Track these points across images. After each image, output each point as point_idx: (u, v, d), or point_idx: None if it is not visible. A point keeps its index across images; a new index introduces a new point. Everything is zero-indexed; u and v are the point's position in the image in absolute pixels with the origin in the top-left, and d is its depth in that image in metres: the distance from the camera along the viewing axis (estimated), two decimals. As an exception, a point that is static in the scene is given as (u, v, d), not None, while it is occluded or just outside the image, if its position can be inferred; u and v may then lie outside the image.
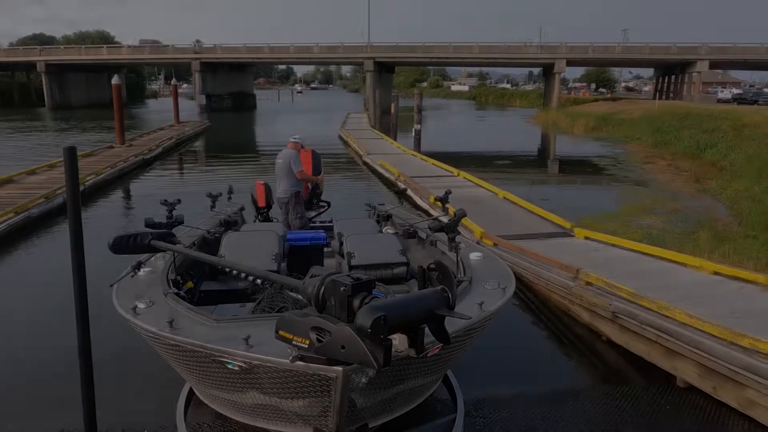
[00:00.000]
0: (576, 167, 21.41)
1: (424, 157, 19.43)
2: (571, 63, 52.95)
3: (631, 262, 7.58)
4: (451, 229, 4.67)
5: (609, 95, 71.81)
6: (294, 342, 2.21)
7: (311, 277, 2.40)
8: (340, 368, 2.40)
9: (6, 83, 63.46)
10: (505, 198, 12.40)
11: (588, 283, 6.35)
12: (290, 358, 2.37)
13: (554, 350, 6.32)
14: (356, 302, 2.11)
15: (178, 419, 3.92)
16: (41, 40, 72.48)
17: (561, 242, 8.99)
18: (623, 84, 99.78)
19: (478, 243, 9.14)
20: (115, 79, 21.81)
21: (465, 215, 5.11)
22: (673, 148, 23.20)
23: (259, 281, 4.47)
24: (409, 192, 13.53)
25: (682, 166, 19.27)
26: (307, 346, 2.16)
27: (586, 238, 9.14)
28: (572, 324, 6.61)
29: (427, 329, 2.28)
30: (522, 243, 8.66)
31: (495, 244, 8.79)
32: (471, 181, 14.77)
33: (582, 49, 50.46)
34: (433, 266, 2.72)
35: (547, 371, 5.73)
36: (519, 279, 7.91)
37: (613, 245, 8.51)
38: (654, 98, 53.40)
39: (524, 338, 6.60)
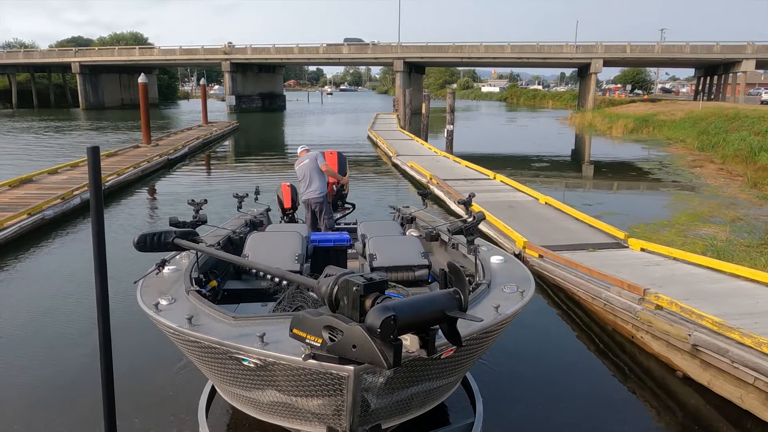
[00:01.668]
0: (618, 170, 20.21)
1: (457, 159, 18.55)
2: (608, 63, 51.25)
3: (700, 280, 6.61)
4: (469, 232, 4.64)
5: (646, 96, 69.49)
6: (307, 340, 2.21)
7: (326, 276, 2.34)
8: (351, 367, 2.40)
9: (43, 84, 64.70)
10: (546, 203, 11.46)
11: (658, 307, 5.42)
12: (303, 356, 2.41)
13: (613, 382, 5.39)
14: (368, 302, 2.11)
15: (200, 416, 3.93)
16: (79, 43, 73.73)
17: (614, 255, 8.04)
18: (659, 85, 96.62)
19: (518, 255, 8.32)
20: (141, 78, 21.45)
21: (484, 218, 5.05)
22: (722, 151, 21.76)
23: (280, 281, 4.52)
24: (443, 196, 12.68)
25: (735, 171, 17.92)
26: (319, 345, 2.17)
27: (643, 249, 8.19)
28: (637, 353, 5.69)
29: (440, 331, 2.27)
30: (570, 255, 7.75)
31: (540, 256, 7.91)
32: (508, 184, 13.84)
33: (619, 49, 48.72)
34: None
35: (605, 407, 4.85)
36: (570, 297, 7.09)
37: (675, 259, 7.54)
38: (695, 99, 51.32)
39: (574, 364, 5.71)
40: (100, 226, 3.19)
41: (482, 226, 9.82)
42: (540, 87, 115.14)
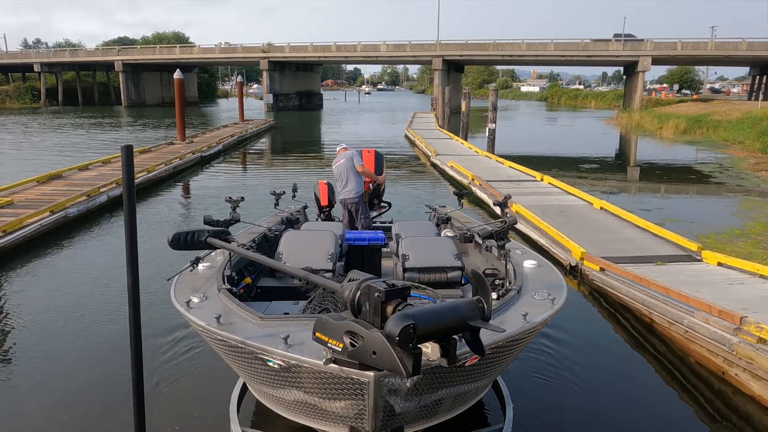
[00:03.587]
0: (674, 173, 18.82)
1: (500, 159, 17.58)
2: (656, 61, 48.93)
3: (800, 304, 5.58)
4: (500, 236, 4.58)
5: (695, 96, 66.50)
6: (329, 344, 2.20)
7: (349, 281, 2.32)
8: (371, 374, 2.38)
9: (88, 83, 66.26)
10: (602, 209, 10.44)
11: (761, 340, 4.46)
12: (324, 360, 2.44)
13: (697, 424, 4.48)
14: (389, 309, 2.10)
15: (231, 411, 3.93)
16: (124, 43, 75.22)
17: (688, 270, 7.04)
18: (708, 85, 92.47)
19: (575, 267, 7.42)
20: (177, 74, 21.16)
21: (516, 222, 4.97)
22: (788, 154, 20.17)
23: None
24: (486, 198, 11.79)
25: (807, 175, 16.43)
26: (341, 350, 2.16)
27: (720, 264, 7.15)
28: (730, 393, 4.74)
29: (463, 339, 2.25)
30: (635, 268, 6.80)
31: (601, 269, 6.97)
32: (558, 187, 12.83)
33: (669, 46, 46.46)
34: (486, 272, 2.98)
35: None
36: (638, 318, 6.15)
37: (763, 277, 6.50)
38: (749, 99, 48.65)
39: (641, 394, 4.83)
40: (132, 223, 3.17)
41: (532, 234, 8.95)
42: (581, 87, 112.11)
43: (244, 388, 4.16)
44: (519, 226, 9.52)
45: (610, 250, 7.80)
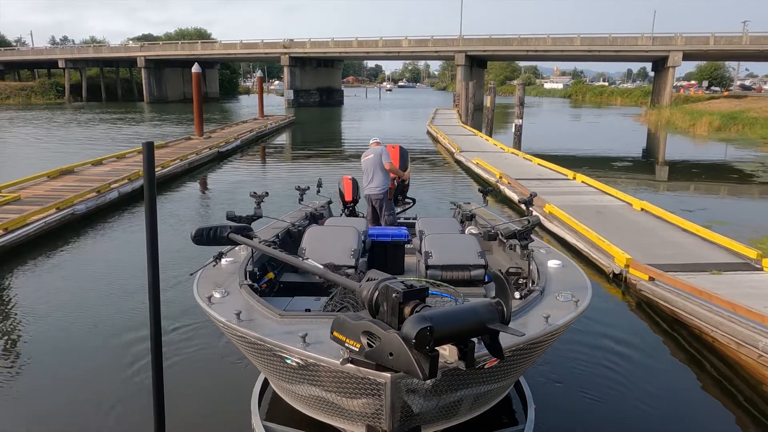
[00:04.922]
0: (713, 172, 17.79)
1: (528, 156, 16.79)
2: (687, 56, 47.29)
3: None
4: (523, 236, 4.45)
5: (726, 93, 64.45)
6: (346, 344, 2.20)
7: (368, 280, 2.29)
8: (388, 374, 2.37)
9: (111, 79, 66.71)
10: (643, 210, 9.66)
11: None
12: (341, 360, 2.41)
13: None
14: (407, 310, 2.08)
15: (253, 405, 3.93)
16: (147, 39, 75.60)
17: (748, 280, 6.30)
18: (738, 82, 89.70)
19: (619, 275, 6.72)
20: (195, 68, 20.76)
21: (539, 222, 4.91)
22: (834, 152, 19.01)
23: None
24: (515, 197, 11.09)
25: None
26: (358, 350, 2.15)
27: (784, 274, 6.38)
28: (818, 433, 4.03)
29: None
30: (687, 278, 6.08)
31: (651, 279, 6.25)
32: (592, 186, 12.04)
33: (701, 41, 44.83)
34: (510, 271, 2.96)
35: None
36: (696, 335, 5.44)
37: (837, 290, 5.72)
38: (786, 96, 46.81)
39: (696, 419, 4.29)
40: (153, 219, 3.15)
41: (568, 237, 8.26)
42: (606, 83, 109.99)
43: (266, 383, 4.15)
44: (553, 228, 8.84)
45: (656, 255, 7.07)
